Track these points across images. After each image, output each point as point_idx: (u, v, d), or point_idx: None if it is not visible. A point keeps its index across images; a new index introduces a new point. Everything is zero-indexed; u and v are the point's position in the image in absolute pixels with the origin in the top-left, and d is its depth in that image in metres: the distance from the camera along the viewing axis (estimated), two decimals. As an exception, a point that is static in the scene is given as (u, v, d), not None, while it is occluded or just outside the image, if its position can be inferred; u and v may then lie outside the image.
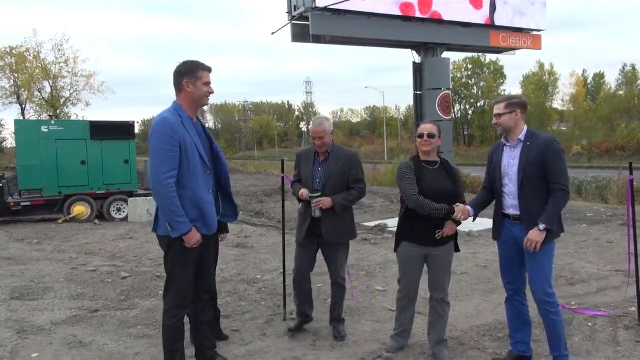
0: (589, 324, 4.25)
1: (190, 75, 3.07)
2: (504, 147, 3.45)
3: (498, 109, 3.39)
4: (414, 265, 3.62)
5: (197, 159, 3.05)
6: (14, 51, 31.84)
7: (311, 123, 4.06)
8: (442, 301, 3.62)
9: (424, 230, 3.51)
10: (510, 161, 3.38)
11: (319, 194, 3.88)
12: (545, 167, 3.23)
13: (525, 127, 3.38)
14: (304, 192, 3.94)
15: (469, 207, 3.49)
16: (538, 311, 3.38)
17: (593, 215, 10.93)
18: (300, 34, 10.01)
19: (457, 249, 3.68)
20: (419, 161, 3.60)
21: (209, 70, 3.14)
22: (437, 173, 3.56)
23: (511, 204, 3.38)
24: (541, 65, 54.80)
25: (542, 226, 3.18)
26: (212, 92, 3.17)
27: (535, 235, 3.20)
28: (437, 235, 3.49)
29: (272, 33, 10.49)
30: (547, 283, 3.30)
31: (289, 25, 10.03)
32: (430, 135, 3.52)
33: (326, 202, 3.87)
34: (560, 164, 3.24)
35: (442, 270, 3.59)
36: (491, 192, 3.57)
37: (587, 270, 6.05)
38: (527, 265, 3.36)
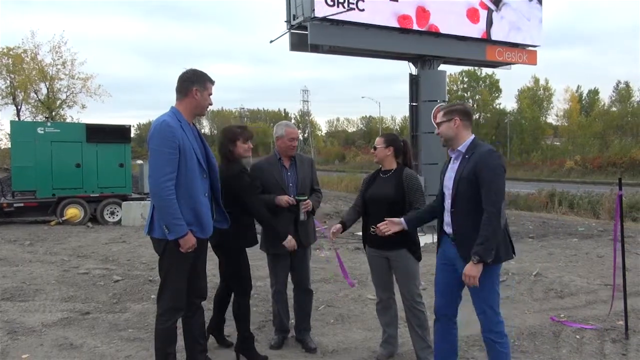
0: (577, 337, 4.31)
1: (200, 83, 3.16)
2: (450, 159, 3.18)
3: (437, 117, 3.16)
4: (377, 267, 3.76)
5: (194, 162, 3.09)
6: (11, 52, 31.79)
7: (282, 126, 3.93)
8: (412, 307, 3.64)
9: (370, 234, 3.66)
10: (451, 174, 3.09)
11: (306, 197, 3.87)
12: (478, 182, 2.91)
13: (470, 138, 3.07)
14: (286, 198, 3.79)
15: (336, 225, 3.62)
16: (483, 339, 3.15)
17: (584, 229, 11.03)
18: (299, 43, 10.08)
19: (418, 258, 3.63)
20: (377, 171, 3.81)
21: (213, 83, 3.25)
22: (384, 181, 3.70)
23: (448, 221, 3.11)
24: (536, 80, 55.27)
25: (475, 258, 2.84)
26: (212, 104, 3.29)
27: (470, 270, 2.88)
28: (371, 231, 3.61)
29: (271, 41, 10.54)
30: (492, 310, 3.01)
31: (288, 34, 10.10)
32: (374, 148, 3.73)
33: (310, 204, 3.89)
34: (492, 180, 2.87)
35: (402, 276, 3.64)
36: (433, 208, 3.37)
37: (577, 284, 6.11)
38: (470, 291, 3.05)
